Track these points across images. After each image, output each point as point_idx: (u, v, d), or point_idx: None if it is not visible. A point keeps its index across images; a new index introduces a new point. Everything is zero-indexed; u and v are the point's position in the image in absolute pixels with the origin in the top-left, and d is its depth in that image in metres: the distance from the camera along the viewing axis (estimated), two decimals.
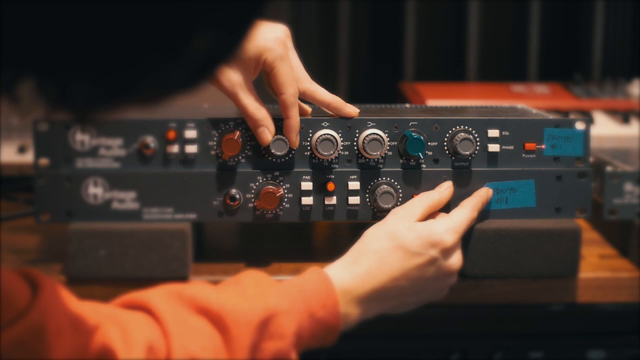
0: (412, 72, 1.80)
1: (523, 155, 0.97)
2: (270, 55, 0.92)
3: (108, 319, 0.72)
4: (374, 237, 0.89)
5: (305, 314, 0.82)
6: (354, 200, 0.96)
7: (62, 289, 0.69)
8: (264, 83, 0.98)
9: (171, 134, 0.95)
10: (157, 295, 0.79)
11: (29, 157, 1.36)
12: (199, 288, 0.81)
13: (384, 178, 0.96)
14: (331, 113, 0.97)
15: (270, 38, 0.92)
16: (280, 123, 0.94)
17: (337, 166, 0.96)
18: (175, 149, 0.95)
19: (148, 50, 0.49)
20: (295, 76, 0.94)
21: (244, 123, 0.95)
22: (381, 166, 0.97)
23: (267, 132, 0.93)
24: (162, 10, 0.47)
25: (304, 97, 0.97)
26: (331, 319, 0.84)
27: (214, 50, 0.51)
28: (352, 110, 0.97)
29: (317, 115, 0.98)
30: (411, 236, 0.89)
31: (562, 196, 0.98)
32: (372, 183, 0.96)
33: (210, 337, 0.77)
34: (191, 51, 0.50)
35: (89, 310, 0.71)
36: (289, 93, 0.92)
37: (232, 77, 0.92)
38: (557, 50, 1.85)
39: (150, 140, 0.95)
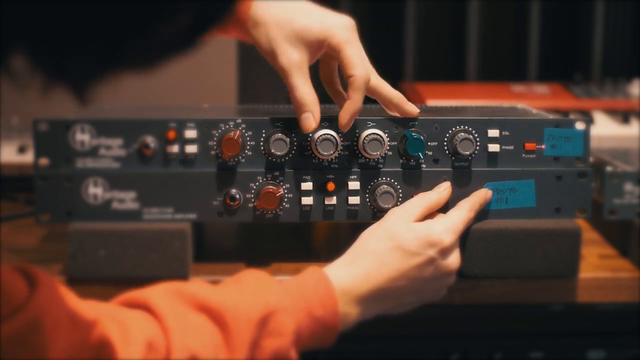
0: (412, 72, 1.80)
1: (523, 155, 0.97)
2: (336, 39, 0.90)
3: (107, 316, 0.72)
4: (372, 237, 0.89)
5: (305, 313, 0.82)
6: (354, 200, 0.96)
7: (59, 285, 0.69)
8: (320, 75, 0.96)
9: (171, 134, 0.95)
10: (157, 293, 0.78)
11: (29, 157, 1.36)
12: (198, 286, 0.81)
13: (384, 178, 0.96)
14: (391, 110, 0.96)
15: (337, 24, 0.91)
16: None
17: (337, 166, 0.96)
18: (175, 149, 0.95)
19: (135, 14, 0.49)
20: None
21: (244, 123, 0.95)
22: (381, 166, 0.96)
23: (312, 119, 0.90)
24: None
25: (367, 91, 0.93)
26: (330, 318, 0.84)
27: (202, 13, 0.52)
28: (412, 108, 0.95)
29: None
30: (409, 236, 0.89)
31: (562, 196, 0.98)
32: (372, 183, 0.96)
33: (210, 334, 0.77)
34: (178, 13, 0.50)
35: (87, 307, 0.71)
36: (360, 74, 0.90)
37: (292, 55, 0.90)
38: (557, 50, 1.85)
39: (150, 140, 0.95)
